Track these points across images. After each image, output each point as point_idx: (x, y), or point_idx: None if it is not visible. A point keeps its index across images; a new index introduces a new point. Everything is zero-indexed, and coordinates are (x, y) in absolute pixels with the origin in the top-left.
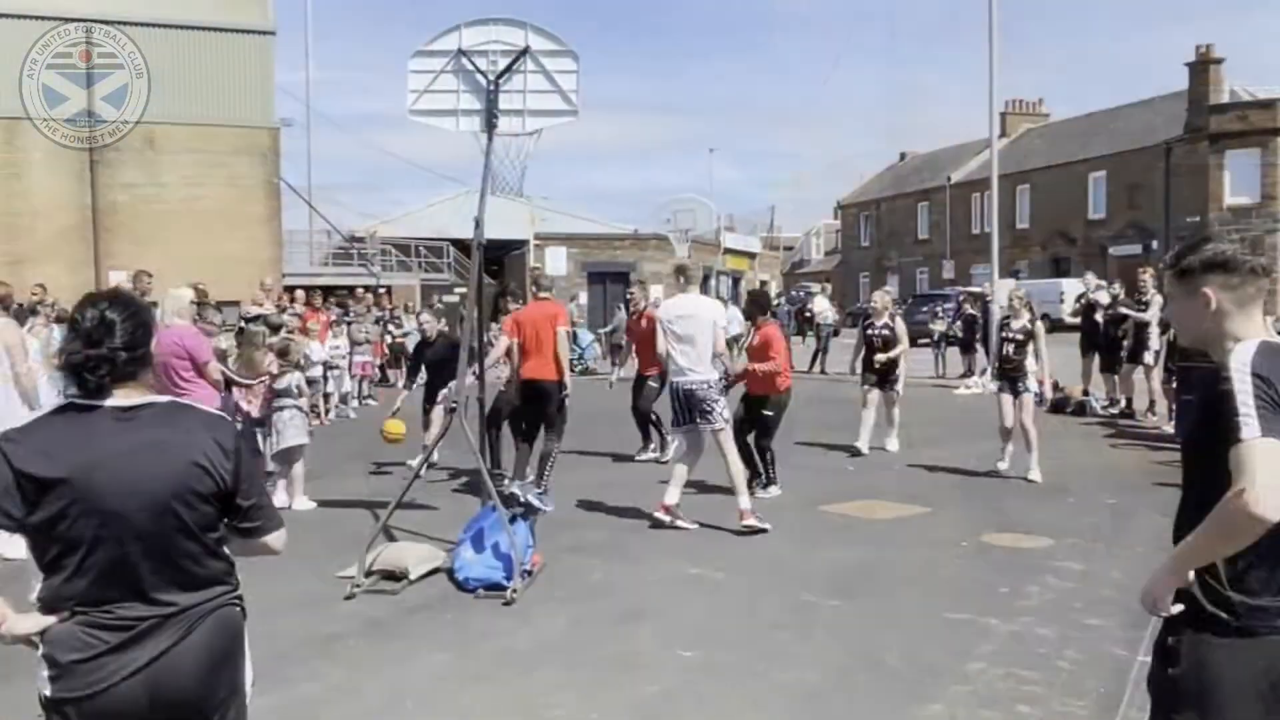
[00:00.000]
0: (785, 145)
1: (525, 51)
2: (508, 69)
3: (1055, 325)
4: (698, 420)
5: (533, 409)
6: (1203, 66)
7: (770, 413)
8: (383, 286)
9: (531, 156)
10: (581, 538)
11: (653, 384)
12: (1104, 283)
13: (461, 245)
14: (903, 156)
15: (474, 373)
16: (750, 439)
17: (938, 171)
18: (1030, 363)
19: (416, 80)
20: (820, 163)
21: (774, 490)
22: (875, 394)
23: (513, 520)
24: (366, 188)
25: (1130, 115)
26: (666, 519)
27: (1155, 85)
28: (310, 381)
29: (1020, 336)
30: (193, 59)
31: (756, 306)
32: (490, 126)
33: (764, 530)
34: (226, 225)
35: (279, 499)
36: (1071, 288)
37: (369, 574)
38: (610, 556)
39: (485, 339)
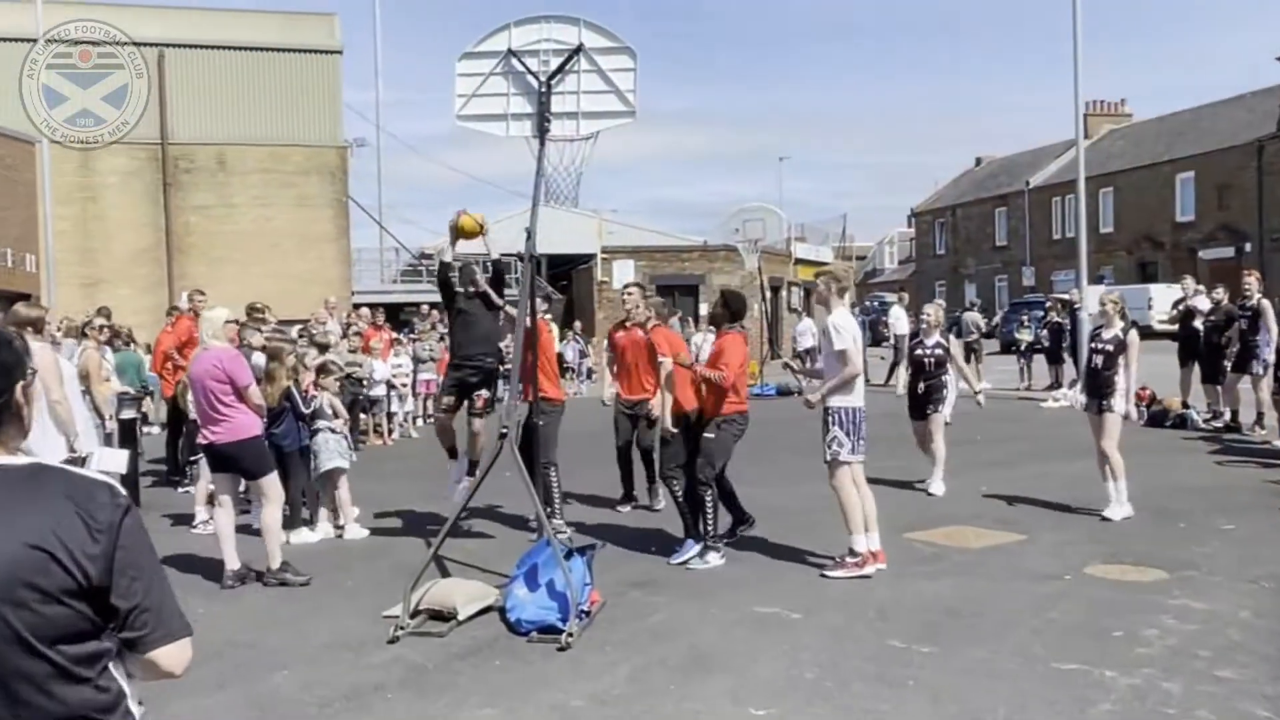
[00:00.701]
0: (857, 154)
1: (579, 50)
2: (560, 69)
3: (1145, 333)
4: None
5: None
6: None
7: (710, 435)
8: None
9: (588, 163)
10: (645, 571)
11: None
12: (1202, 288)
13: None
14: (979, 161)
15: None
16: (663, 463)
17: (1016, 176)
18: (1119, 379)
19: (464, 84)
20: (893, 170)
21: (712, 558)
22: (918, 425)
23: (569, 556)
24: (438, 205)
25: (1218, 113)
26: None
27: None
28: (373, 400)
29: (1110, 347)
30: (262, 80)
31: (726, 310)
32: (542, 131)
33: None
34: (296, 244)
35: (320, 529)
36: (1160, 293)
37: (415, 614)
38: (675, 593)
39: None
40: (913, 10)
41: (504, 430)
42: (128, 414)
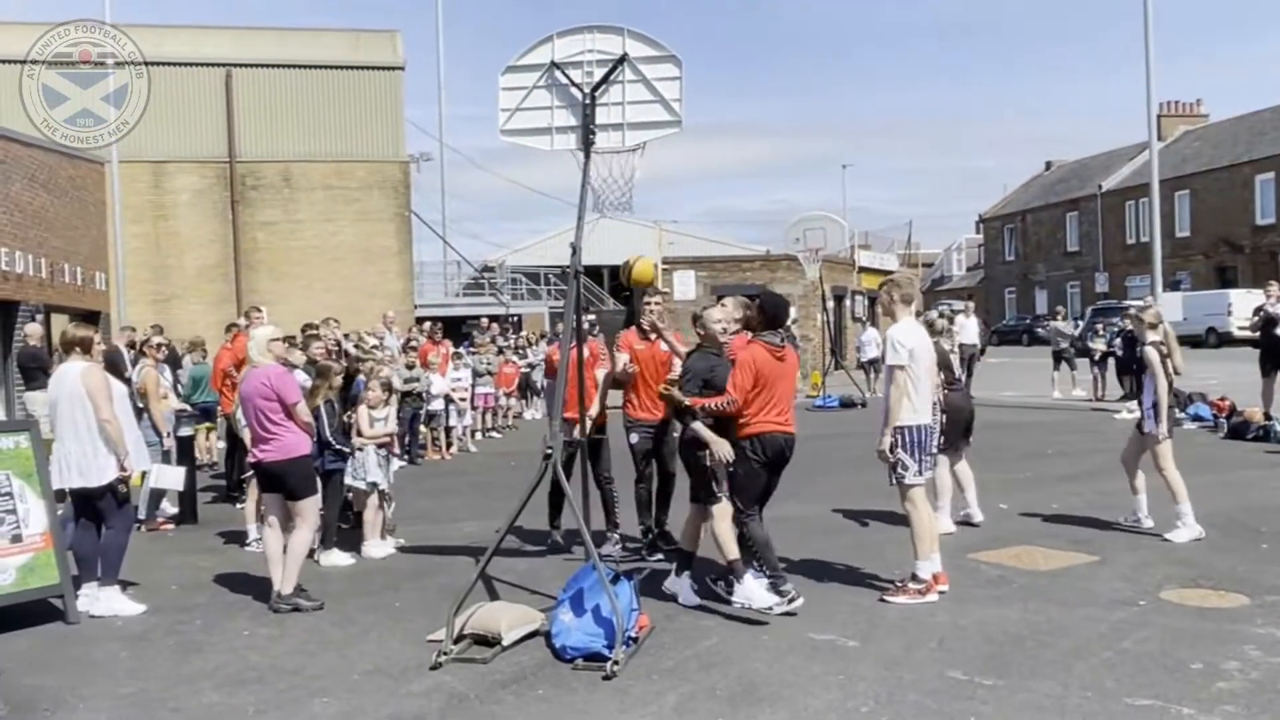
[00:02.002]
0: (923, 159)
1: (623, 59)
2: (604, 80)
3: (1223, 339)
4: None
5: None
6: None
7: (731, 470)
8: (513, 315)
9: (639, 172)
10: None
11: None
12: None
13: (590, 272)
14: (1048, 166)
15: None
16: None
17: (1087, 180)
18: (1145, 396)
19: (508, 98)
20: (960, 175)
21: (766, 597)
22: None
23: (615, 580)
24: (500, 218)
25: None
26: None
27: None
28: (431, 415)
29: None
30: (326, 97)
31: (761, 314)
32: (587, 144)
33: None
34: (359, 259)
35: (377, 547)
36: (1240, 299)
37: (459, 639)
38: (727, 617)
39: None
40: (979, 12)
41: (548, 451)
42: (186, 431)
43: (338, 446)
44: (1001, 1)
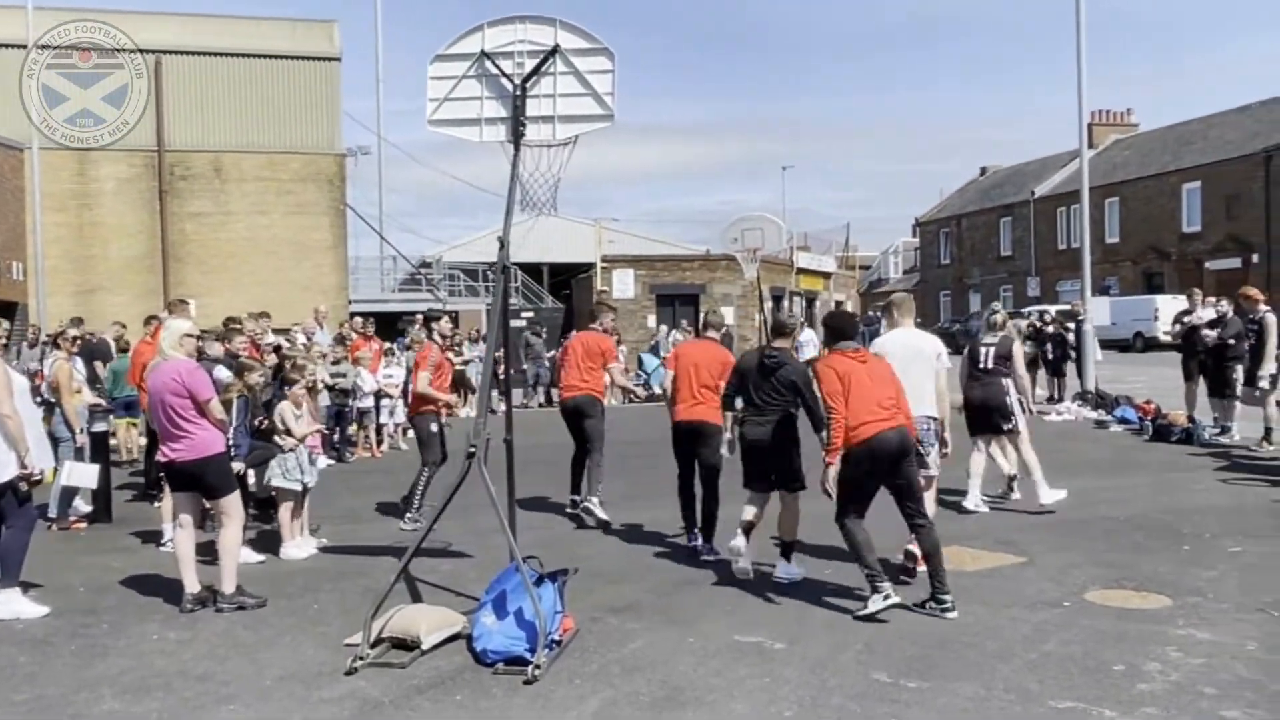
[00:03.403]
0: (862, 163)
1: (554, 51)
2: (535, 71)
3: (1150, 344)
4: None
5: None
6: None
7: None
8: (448, 311)
9: (565, 169)
10: (622, 595)
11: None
12: (1212, 299)
13: (529, 269)
14: (983, 171)
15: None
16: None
17: (1021, 186)
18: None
19: (437, 88)
20: (898, 180)
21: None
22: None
23: (539, 582)
24: (439, 213)
25: (1225, 123)
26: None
27: (1245, 95)
28: (362, 412)
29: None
30: (260, 87)
31: (828, 330)
32: (517, 135)
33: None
34: (293, 253)
35: (300, 546)
36: (1166, 304)
37: (377, 643)
38: (653, 619)
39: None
40: (917, 20)
41: (471, 449)
42: (100, 426)
43: (234, 443)
44: (940, 10)
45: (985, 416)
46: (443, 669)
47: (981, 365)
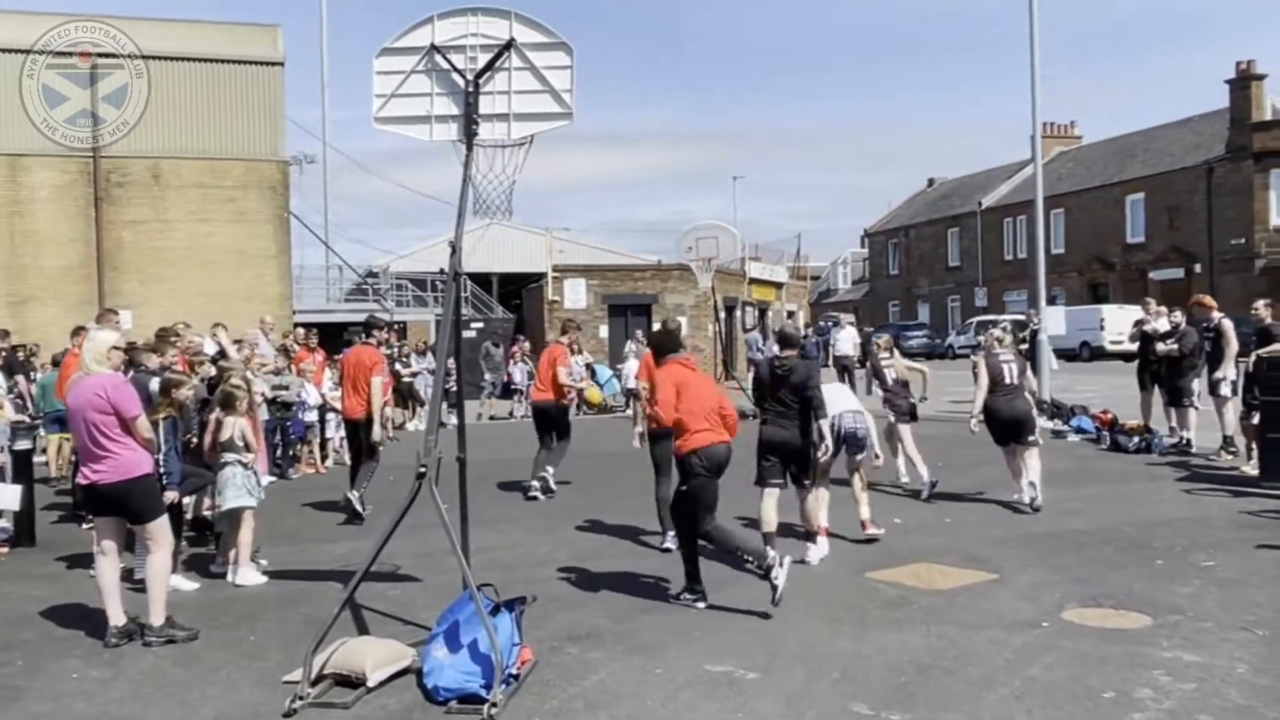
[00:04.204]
0: (811, 174)
1: (509, 45)
2: (489, 66)
3: (1096, 353)
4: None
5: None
6: (1244, 83)
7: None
8: (394, 322)
9: (521, 170)
10: (582, 621)
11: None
12: (1163, 309)
13: (479, 279)
14: (931, 183)
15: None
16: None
17: (968, 197)
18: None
19: (383, 83)
20: (847, 191)
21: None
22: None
23: (495, 611)
24: (391, 224)
25: (1167, 135)
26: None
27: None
28: (307, 426)
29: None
30: (200, 91)
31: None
32: (470, 134)
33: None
34: (234, 261)
35: (229, 574)
36: (1112, 314)
37: (318, 679)
38: (616, 648)
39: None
40: (864, 33)
41: (422, 469)
42: (22, 444)
43: (165, 469)
44: (887, 23)
45: (1014, 430)
46: (391, 708)
47: (1007, 381)
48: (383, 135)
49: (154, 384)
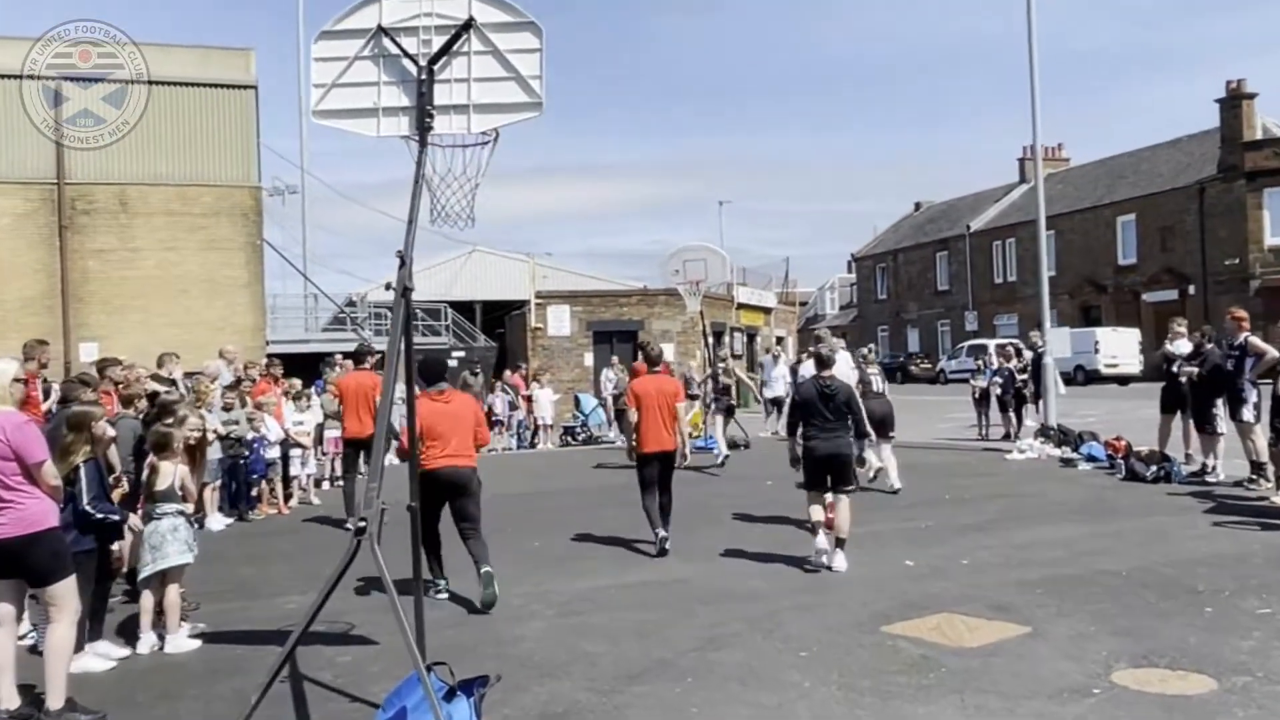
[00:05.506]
0: (797, 201)
1: (468, 26)
2: (444, 50)
3: (1091, 376)
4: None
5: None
6: (1234, 103)
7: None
8: (376, 351)
9: (485, 171)
10: (559, 695)
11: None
12: (1182, 329)
13: (462, 307)
14: (918, 207)
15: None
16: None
17: (955, 221)
18: None
19: (323, 71)
20: (833, 217)
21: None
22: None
23: (450, 695)
24: (378, 254)
25: (1158, 156)
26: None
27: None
28: (269, 463)
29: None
30: (169, 116)
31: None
32: (423, 128)
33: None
34: (205, 291)
35: (146, 640)
36: (1106, 337)
37: None
38: None
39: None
40: (851, 60)
41: (361, 524)
42: None
43: (99, 516)
44: (872, 53)
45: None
46: None
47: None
48: (368, 165)
49: (126, 424)
